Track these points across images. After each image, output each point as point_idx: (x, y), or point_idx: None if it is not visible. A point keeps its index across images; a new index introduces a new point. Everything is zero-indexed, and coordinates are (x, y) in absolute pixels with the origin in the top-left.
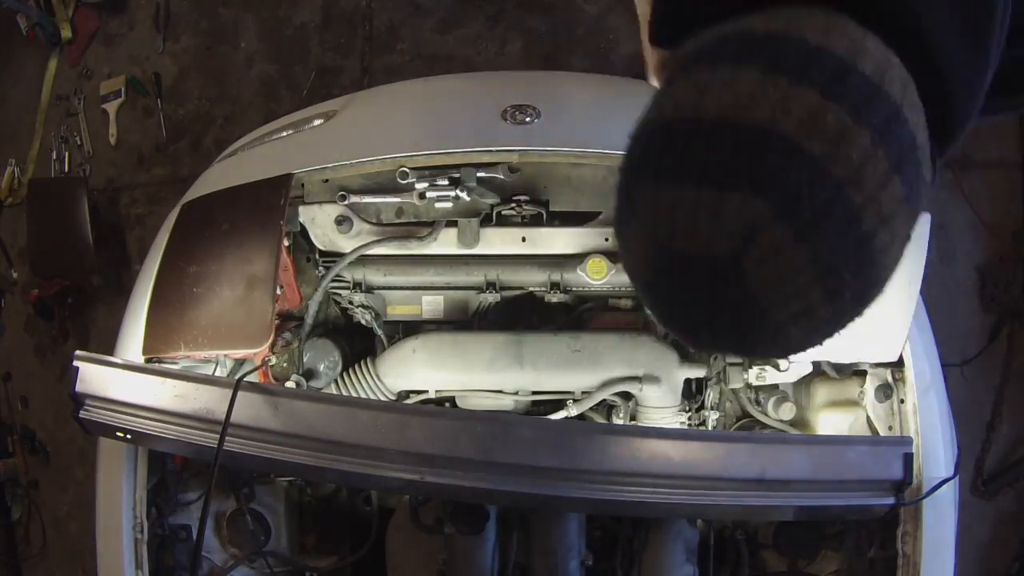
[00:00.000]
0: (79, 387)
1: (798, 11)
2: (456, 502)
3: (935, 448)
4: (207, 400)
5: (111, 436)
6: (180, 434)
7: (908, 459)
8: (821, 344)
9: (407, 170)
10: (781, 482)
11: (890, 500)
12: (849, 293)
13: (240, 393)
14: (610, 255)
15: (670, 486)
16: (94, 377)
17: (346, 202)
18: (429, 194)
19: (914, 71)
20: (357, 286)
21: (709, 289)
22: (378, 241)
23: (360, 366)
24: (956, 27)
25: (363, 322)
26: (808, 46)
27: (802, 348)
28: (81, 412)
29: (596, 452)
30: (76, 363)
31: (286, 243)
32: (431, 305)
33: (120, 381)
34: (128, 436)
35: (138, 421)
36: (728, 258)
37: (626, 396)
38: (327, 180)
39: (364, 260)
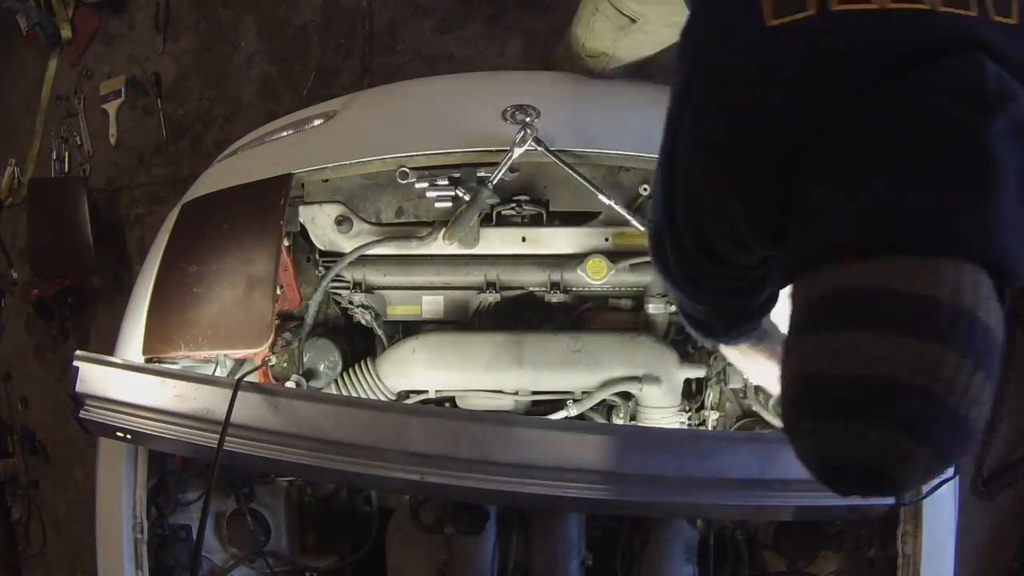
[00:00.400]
0: (79, 387)
1: (902, 264)
2: (456, 502)
3: None
4: (207, 400)
5: (111, 436)
6: (180, 434)
7: None
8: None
9: (407, 170)
10: (781, 482)
11: (889, 500)
12: (955, 452)
13: (240, 393)
14: (610, 255)
15: (671, 485)
16: (94, 377)
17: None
18: (429, 194)
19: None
20: (357, 286)
21: (866, 486)
22: (378, 241)
23: (360, 366)
24: None
25: (363, 322)
26: (924, 300)
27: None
28: (81, 412)
29: (596, 452)
30: (76, 363)
31: (286, 243)
32: (431, 305)
33: (120, 381)
34: (128, 436)
35: (138, 421)
36: (875, 466)
37: (626, 396)
38: (327, 180)
39: (364, 260)
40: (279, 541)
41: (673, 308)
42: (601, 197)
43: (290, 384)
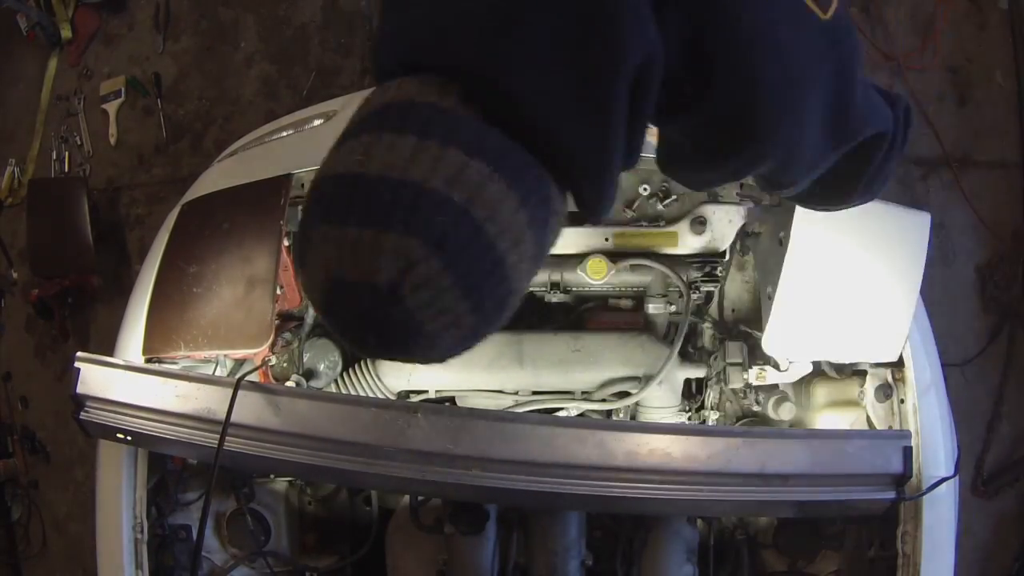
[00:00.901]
0: (80, 388)
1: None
2: (456, 502)
3: (935, 448)
4: (207, 400)
5: (112, 438)
6: (180, 435)
7: (908, 452)
8: (475, 344)
9: None
10: (781, 477)
11: (890, 495)
12: (490, 303)
13: (240, 393)
14: (610, 255)
15: (671, 482)
16: (95, 378)
17: None
18: None
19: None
20: None
21: (373, 311)
22: None
23: (360, 366)
24: (568, 111)
25: None
26: (442, 111)
27: (458, 350)
28: (81, 414)
29: (596, 448)
30: (77, 364)
31: (286, 243)
32: None
33: (121, 382)
34: (128, 438)
35: (139, 422)
36: (387, 285)
37: (626, 396)
38: None
39: None
40: (279, 541)
41: (673, 308)
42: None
43: (290, 384)
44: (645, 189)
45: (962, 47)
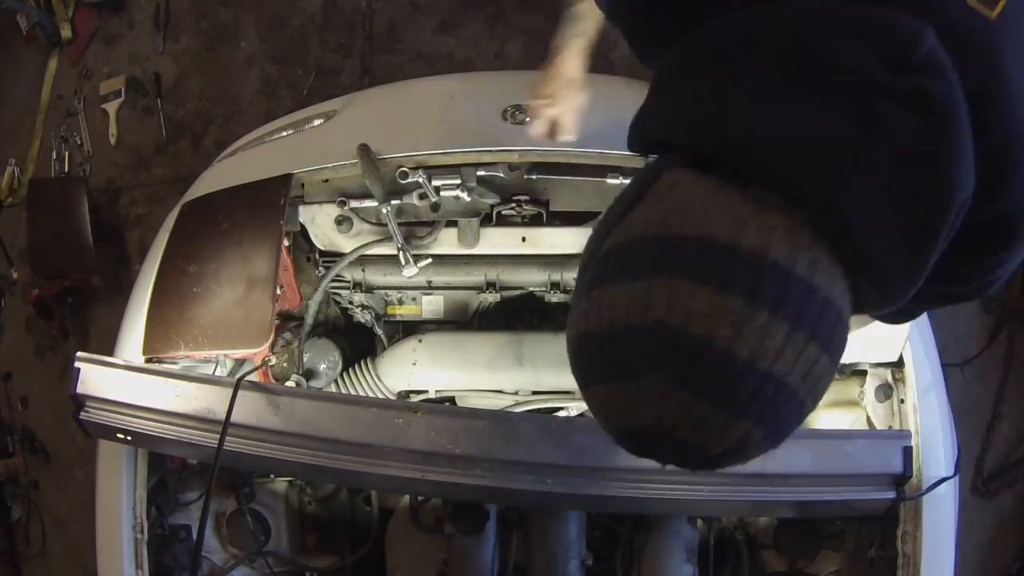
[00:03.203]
0: (80, 388)
1: (702, 194)
2: (456, 502)
3: (935, 448)
4: (207, 400)
5: (111, 438)
6: (180, 434)
7: (908, 452)
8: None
9: (407, 170)
10: (782, 476)
11: (891, 494)
12: (782, 432)
13: (240, 393)
14: None
15: (671, 482)
16: (95, 378)
17: (345, 207)
18: (444, 193)
19: (838, 253)
20: (357, 286)
21: (686, 457)
22: (378, 241)
23: (360, 366)
24: (889, 226)
25: (363, 322)
26: (721, 247)
27: (745, 461)
28: (81, 414)
29: (596, 448)
30: (77, 364)
31: (286, 243)
32: (431, 305)
33: (121, 382)
34: (129, 438)
35: (139, 422)
36: (716, 454)
37: None
38: (327, 180)
39: (364, 260)
40: (279, 541)
41: None
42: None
43: (290, 384)
44: None
45: None
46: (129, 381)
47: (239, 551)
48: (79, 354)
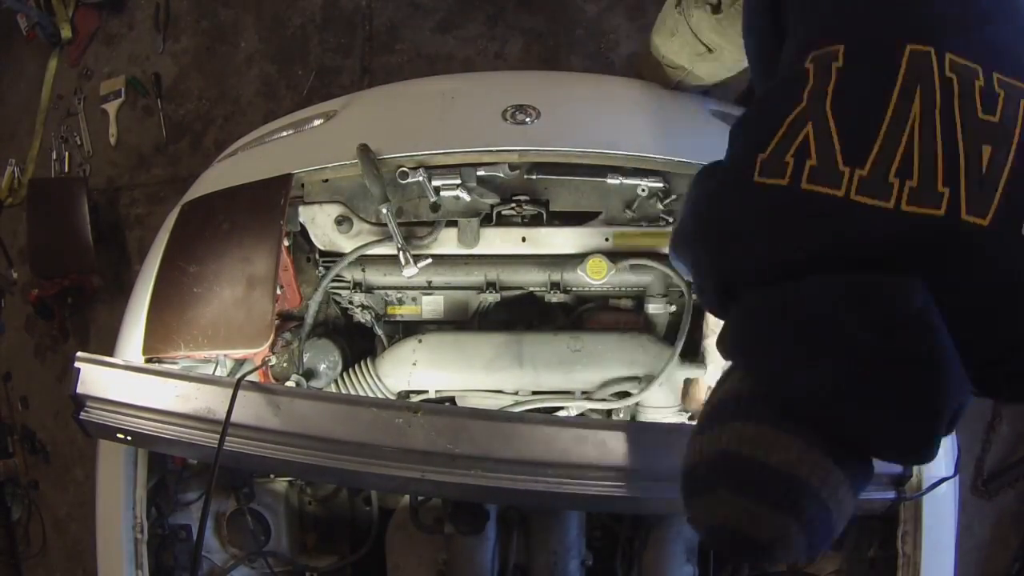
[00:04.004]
0: (80, 388)
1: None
2: (456, 502)
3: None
4: (208, 400)
5: (111, 438)
6: (180, 434)
7: None
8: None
9: (407, 170)
10: None
11: (891, 494)
12: (818, 549)
13: (240, 393)
14: (610, 255)
15: (672, 481)
16: (95, 378)
17: (406, 180)
18: (444, 193)
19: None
20: (357, 286)
21: (751, 554)
22: (378, 241)
23: (360, 366)
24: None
25: (363, 322)
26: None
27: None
28: (82, 414)
29: (596, 447)
30: (77, 364)
31: (286, 243)
32: (431, 305)
33: (121, 382)
34: (128, 438)
35: (139, 422)
36: (768, 542)
37: (626, 396)
38: (327, 180)
39: (364, 260)
40: (279, 541)
41: (673, 308)
42: (610, 180)
43: (290, 384)
44: (643, 190)
45: None
46: (129, 381)
47: (239, 551)
48: (79, 354)
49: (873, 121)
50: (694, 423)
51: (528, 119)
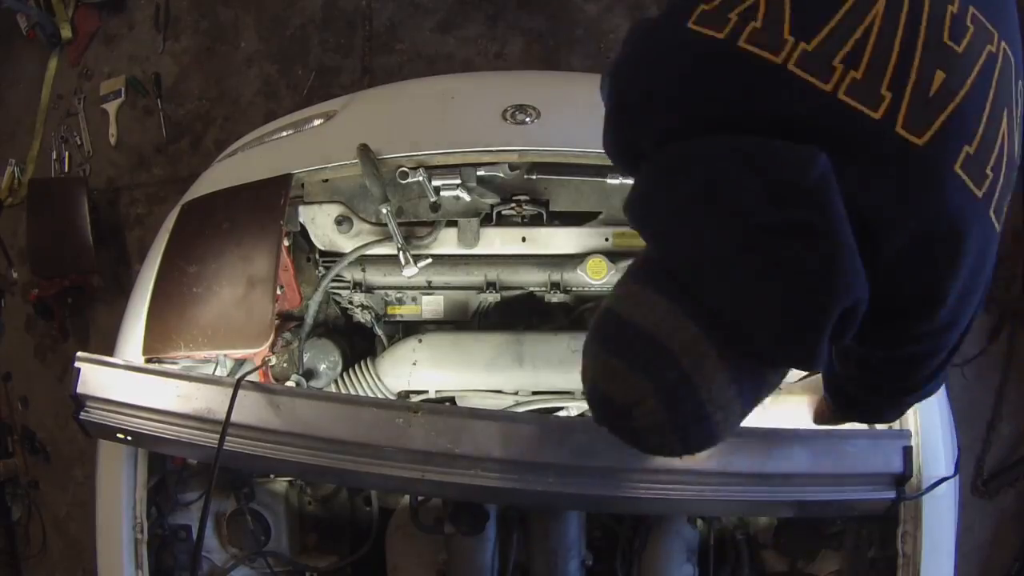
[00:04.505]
0: (80, 388)
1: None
2: (456, 502)
3: (935, 447)
4: (207, 400)
5: (111, 438)
6: (180, 434)
7: (908, 452)
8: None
9: (407, 170)
10: (782, 476)
11: (891, 494)
12: (694, 441)
13: (240, 393)
14: (610, 255)
15: (672, 481)
16: (95, 378)
17: (406, 180)
18: (444, 193)
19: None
20: (357, 286)
21: (612, 416)
22: (378, 241)
23: (360, 366)
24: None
25: (363, 322)
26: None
27: (665, 455)
28: (81, 414)
29: (596, 447)
30: (77, 364)
31: (286, 243)
32: (431, 305)
33: (121, 382)
34: (128, 438)
35: (138, 422)
36: (624, 406)
37: None
38: (327, 180)
39: (364, 260)
40: (279, 541)
41: None
42: (610, 180)
43: (290, 384)
44: None
45: None
46: (129, 381)
47: (239, 551)
48: (79, 354)
49: (834, 2)
50: None
51: (528, 119)
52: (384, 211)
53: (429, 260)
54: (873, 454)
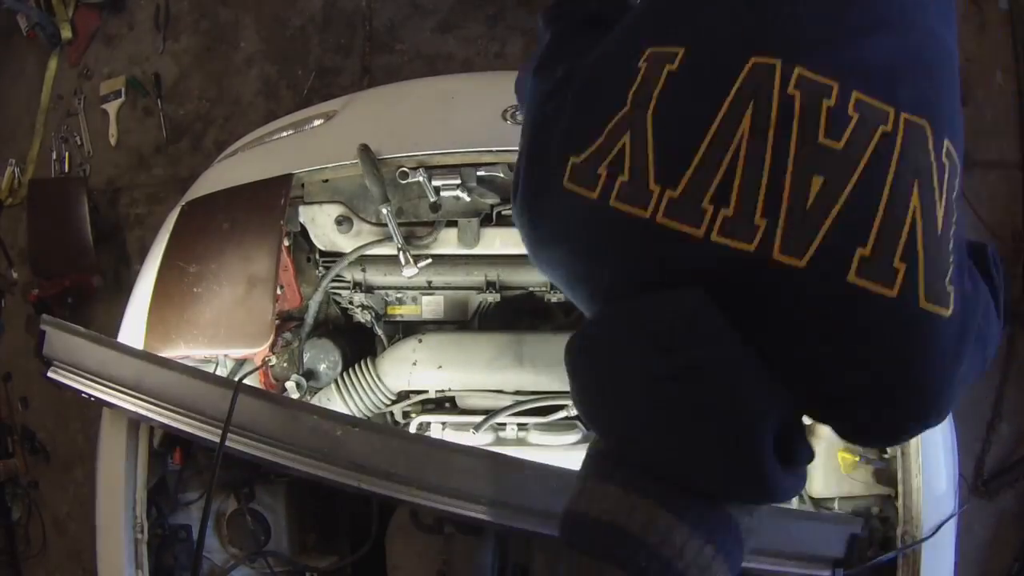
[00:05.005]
0: (46, 350)
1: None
2: None
3: (936, 476)
4: (206, 396)
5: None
6: (129, 403)
7: (853, 539)
8: None
9: (407, 170)
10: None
11: (825, 573)
12: None
13: (194, 381)
14: None
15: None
16: (59, 341)
17: (406, 180)
18: (444, 193)
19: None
20: (357, 286)
21: None
22: (378, 241)
23: (360, 366)
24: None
25: (363, 322)
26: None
27: None
28: (49, 372)
29: (529, 488)
30: (43, 327)
31: (286, 243)
32: (431, 305)
33: (79, 346)
34: (92, 398)
35: (96, 386)
36: None
37: None
38: (327, 180)
39: (364, 260)
40: (279, 541)
41: None
42: None
43: (290, 384)
44: None
45: (962, 47)
46: (86, 347)
47: (239, 551)
48: (44, 316)
49: (694, 137)
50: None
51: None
52: (384, 211)
53: (429, 260)
54: (815, 538)
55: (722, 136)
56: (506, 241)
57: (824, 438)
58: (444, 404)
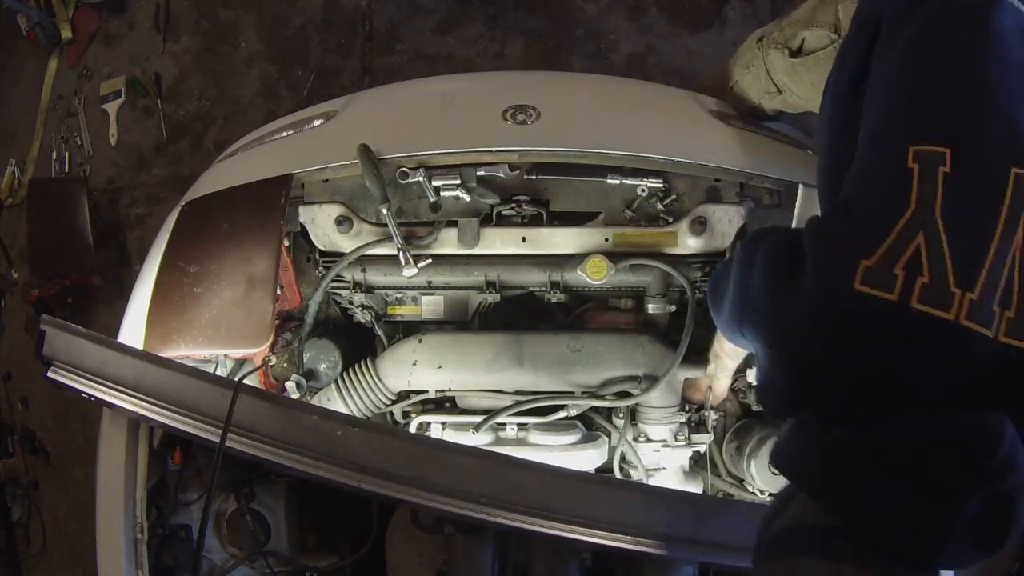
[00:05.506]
0: (46, 350)
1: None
2: None
3: None
4: (205, 395)
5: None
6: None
7: None
8: None
9: (407, 170)
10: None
11: None
12: None
13: (197, 383)
14: (610, 255)
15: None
16: (59, 342)
17: (406, 180)
18: (444, 193)
19: None
20: (357, 286)
21: None
22: (378, 241)
23: (360, 366)
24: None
25: (363, 322)
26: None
27: None
28: (49, 372)
29: (526, 487)
30: (42, 327)
31: (286, 243)
32: (431, 305)
33: (79, 347)
34: (92, 398)
35: (96, 386)
36: None
37: (626, 395)
38: (327, 180)
39: (364, 260)
40: (279, 541)
41: (673, 308)
42: (610, 180)
43: (290, 384)
44: (643, 190)
45: None
46: (87, 348)
47: (239, 551)
48: (44, 316)
49: (982, 242)
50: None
51: (528, 119)
52: (384, 211)
53: (429, 260)
54: None
55: (1004, 243)
56: (506, 241)
57: None
58: (444, 404)
